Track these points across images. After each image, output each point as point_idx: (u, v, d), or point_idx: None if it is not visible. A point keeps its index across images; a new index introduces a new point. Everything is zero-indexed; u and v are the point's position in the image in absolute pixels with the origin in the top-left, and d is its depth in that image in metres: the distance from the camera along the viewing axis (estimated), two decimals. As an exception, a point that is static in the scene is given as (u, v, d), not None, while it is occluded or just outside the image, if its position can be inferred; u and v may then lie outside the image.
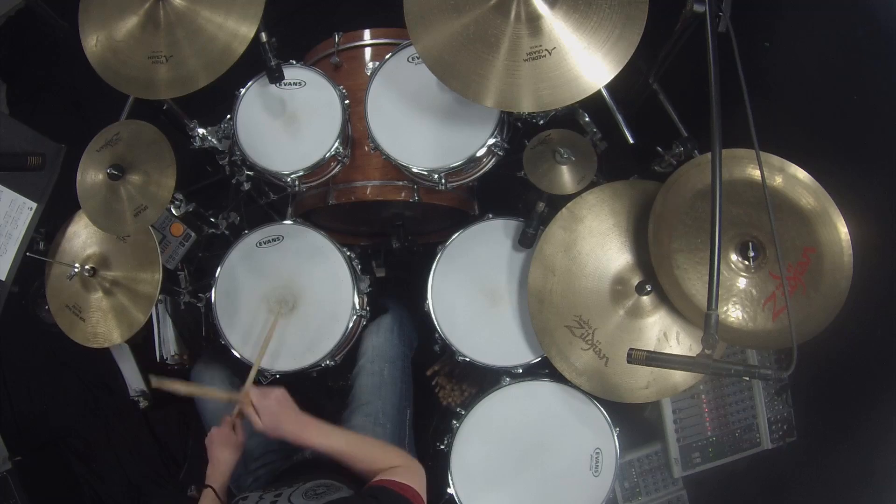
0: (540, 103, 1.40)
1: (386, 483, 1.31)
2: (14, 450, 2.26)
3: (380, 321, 1.88)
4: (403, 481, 1.32)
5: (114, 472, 2.59)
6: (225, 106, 1.85)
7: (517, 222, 1.84)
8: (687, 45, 1.58)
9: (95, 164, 1.70)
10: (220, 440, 1.57)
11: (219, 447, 1.57)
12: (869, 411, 1.73)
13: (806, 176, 1.47)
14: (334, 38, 1.91)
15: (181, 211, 2.02)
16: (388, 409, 1.78)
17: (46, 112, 2.87)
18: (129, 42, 1.59)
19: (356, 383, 1.82)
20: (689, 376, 1.58)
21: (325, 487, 1.41)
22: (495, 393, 1.75)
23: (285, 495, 1.38)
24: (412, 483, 1.33)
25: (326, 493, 1.38)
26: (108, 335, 1.80)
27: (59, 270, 1.86)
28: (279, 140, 1.79)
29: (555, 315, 1.63)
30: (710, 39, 1.26)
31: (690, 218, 1.47)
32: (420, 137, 1.73)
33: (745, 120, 1.28)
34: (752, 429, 1.94)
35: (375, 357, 1.83)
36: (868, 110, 1.65)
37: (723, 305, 1.41)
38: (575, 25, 1.38)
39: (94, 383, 2.64)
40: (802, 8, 1.80)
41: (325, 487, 1.41)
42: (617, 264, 1.62)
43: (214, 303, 1.84)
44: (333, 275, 1.83)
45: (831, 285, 1.42)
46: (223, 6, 1.56)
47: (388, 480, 1.32)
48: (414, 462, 1.46)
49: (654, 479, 1.94)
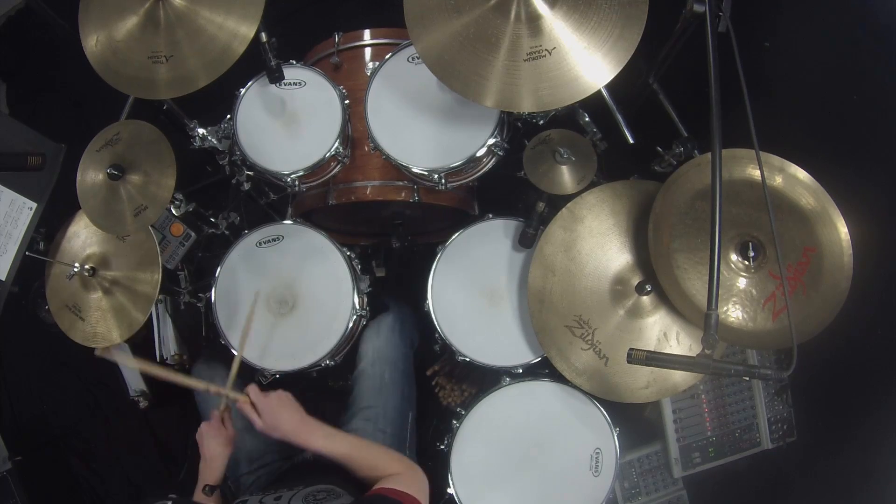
0: (540, 103, 1.39)
1: (385, 491, 1.30)
2: (14, 450, 2.26)
3: (380, 322, 1.87)
4: (403, 489, 1.31)
5: (114, 472, 2.59)
6: (225, 106, 1.85)
7: (517, 222, 1.84)
8: (687, 45, 1.58)
9: (95, 164, 1.70)
10: (210, 434, 1.56)
11: (209, 442, 1.56)
12: (869, 411, 1.73)
13: (806, 176, 1.47)
14: (334, 38, 1.91)
15: (181, 211, 2.02)
16: (389, 412, 1.78)
17: (46, 112, 2.87)
18: (129, 42, 1.59)
19: (357, 386, 1.82)
20: (689, 376, 1.58)
21: (325, 493, 1.41)
22: (495, 393, 1.75)
23: (285, 498, 1.37)
24: (412, 491, 1.31)
25: (326, 500, 1.37)
26: (107, 335, 1.80)
27: (59, 270, 1.86)
28: (279, 140, 1.79)
29: (555, 315, 1.63)
30: (710, 39, 1.26)
31: (690, 218, 1.47)
32: (420, 137, 1.73)
33: (745, 120, 1.28)
34: (752, 429, 1.94)
35: (376, 360, 1.82)
36: (868, 110, 1.65)
37: (723, 305, 1.41)
38: (575, 25, 1.38)
39: (94, 383, 2.64)
40: (802, 8, 1.80)
41: (325, 493, 1.41)
42: (617, 264, 1.62)
43: (214, 303, 1.84)
44: (333, 275, 1.83)
45: (831, 285, 1.42)
46: (223, 6, 1.56)
47: (387, 489, 1.31)
48: (415, 468, 1.45)
49: (654, 479, 1.94)
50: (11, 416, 2.65)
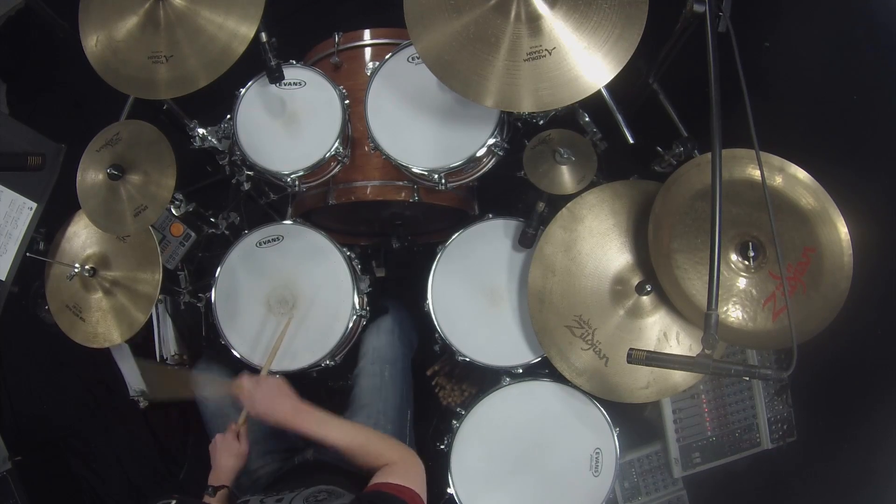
0: (540, 103, 1.39)
1: (383, 487, 1.30)
2: (14, 450, 2.26)
3: (380, 322, 1.88)
4: (401, 483, 1.30)
5: (114, 472, 2.59)
6: (225, 106, 1.85)
7: (517, 222, 1.84)
8: (687, 45, 1.58)
9: (95, 164, 1.70)
10: (223, 447, 1.57)
11: (222, 454, 1.57)
12: (869, 411, 1.73)
13: (806, 176, 1.47)
14: (334, 38, 1.91)
15: (181, 211, 2.02)
16: (389, 410, 1.78)
17: (46, 112, 2.87)
18: (129, 42, 1.59)
19: (357, 385, 1.82)
20: (689, 376, 1.58)
21: (326, 493, 1.40)
22: (495, 393, 1.75)
23: (286, 500, 1.37)
24: (409, 482, 1.31)
25: (327, 500, 1.37)
26: (108, 335, 1.80)
27: (59, 270, 1.86)
28: (279, 140, 1.79)
29: (555, 315, 1.63)
30: (710, 39, 1.26)
31: (690, 218, 1.47)
32: (420, 137, 1.73)
33: (745, 120, 1.28)
34: (752, 429, 1.94)
35: (376, 359, 1.83)
36: (868, 110, 1.65)
37: (723, 305, 1.41)
38: (575, 25, 1.38)
39: (94, 383, 2.64)
40: (802, 8, 1.80)
41: (326, 493, 1.40)
42: (617, 264, 1.62)
43: (214, 303, 1.84)
44: (333, 275, 1.83)
45: (831, 285, 1.42)
46: (223, 6, 1.56)
47: (385, 483, 1.31)
48: (412, 455, 1.44)
49: (654, 479, 1.94)
50: (11, 416, 2.65)
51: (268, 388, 1.48)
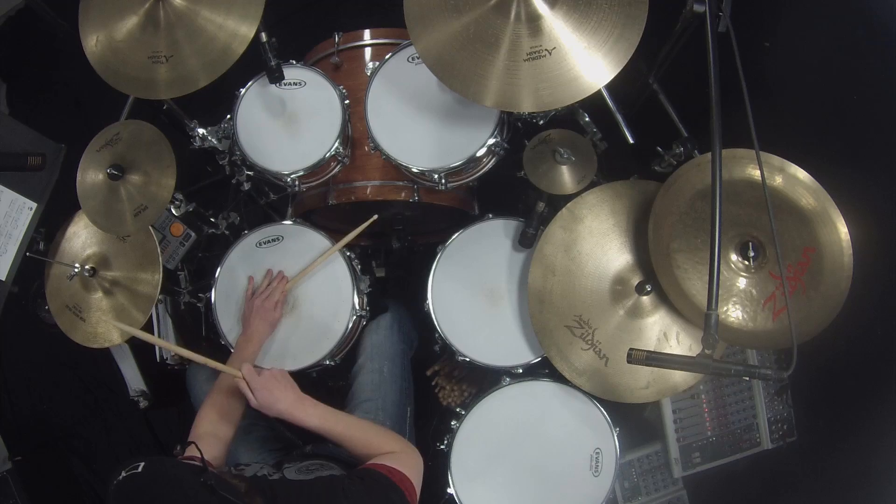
0: (540, 103, 1.39)
1: (376, 467, 1.30)
2: (14, 450, 2.26)
3: (379, 320, 1.88)
4: (394, 466, 1.30)
5: (114, 472, 2.59)
6: (225, 106, 1.85)
7: (517, 222, 1.84)
8: (687, 45, 1.58)
9: (95, 164, 1.70)
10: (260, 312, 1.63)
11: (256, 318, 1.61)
12: (869, 411, 1.73)
13: (806, 176, 1.47)
14: (334, 38, 1.91)
15: (181, 211, 2.02)
16: (388, 406, 1.78)
17: (46, 112, 2.87)
18: (129, 42, 1.59)
19: (356, 381, 1.82)
20: (689, 376, 1.58)
21: (318, 465, 1.42)
22: (495, 393, 1.75)
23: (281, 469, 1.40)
24: (404, 469, 1.31)
25: (319, 470, 1.39)
26: (108, 335, 1.80)
27: (59, 270, 1.86)
28: (279, 140, 1.79)
29: (555, 315, 1.63)
30: (710, 39, 1.26)
31: (690, 218, 1.47)
32: (420, 137, 1.72)
33: (745, 120, 1.28)
34: (752, 429, 1.94)
35: (375, 355, 1.83)
36: (868, 110, 1.65)
37: (723, 305, 1.41)
38: (575, 25, 1.38)
39: (94, 383, 2.64)
40: (802, 8, 1.80)
41: (318, 465, 1.42)
42: (617, 264, 1.62)
43: (214, 303, 1.84)
44: (333, 275, 1.83)
45: (831, 285, 1.42)
46: (223, 6, 1.56)
47: (378, 464, 1.31)
48: (411, 448, 1.44)
49: (654, 479, 1.94)
50: (11, 416, 2.65)
51: (270, 379, 1.47)
